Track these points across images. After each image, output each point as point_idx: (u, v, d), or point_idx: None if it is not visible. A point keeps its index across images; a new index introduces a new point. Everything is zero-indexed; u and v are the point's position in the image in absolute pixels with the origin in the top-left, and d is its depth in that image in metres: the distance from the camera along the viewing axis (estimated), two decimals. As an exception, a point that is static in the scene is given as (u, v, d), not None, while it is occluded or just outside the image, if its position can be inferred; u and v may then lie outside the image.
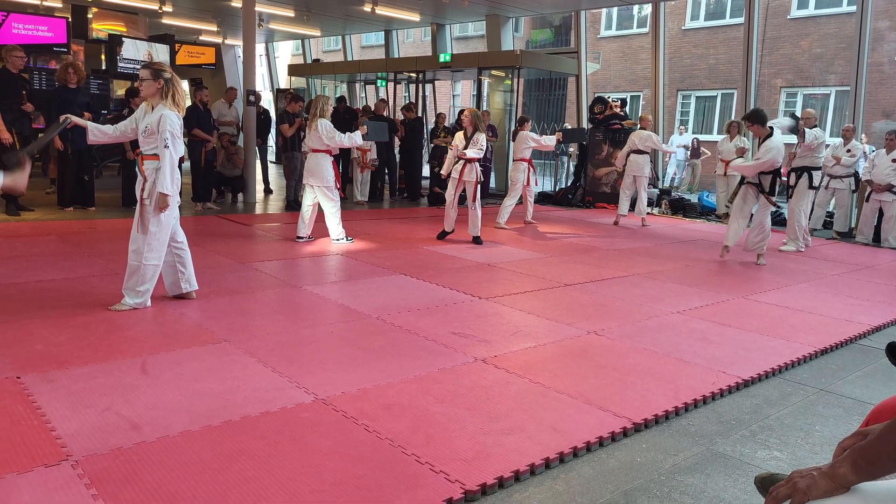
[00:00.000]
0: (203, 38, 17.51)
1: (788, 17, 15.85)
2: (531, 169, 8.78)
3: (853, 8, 11.32)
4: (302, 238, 6.84)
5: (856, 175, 8.87)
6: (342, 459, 2.38)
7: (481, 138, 7.17)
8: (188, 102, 7.81)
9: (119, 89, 13.15)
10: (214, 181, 9.51)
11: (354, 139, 6.87)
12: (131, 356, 3.28)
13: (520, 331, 4.04)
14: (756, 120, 6.33)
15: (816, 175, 7.68)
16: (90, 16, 12.76)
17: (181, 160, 4.35)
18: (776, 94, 16.04)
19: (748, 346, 3.91)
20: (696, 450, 2.62)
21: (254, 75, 10.09)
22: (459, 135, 7.32)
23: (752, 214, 6.81)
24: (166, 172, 4.04)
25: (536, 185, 9.59)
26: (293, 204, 9.31)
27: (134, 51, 12.37)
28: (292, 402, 2.84)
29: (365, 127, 7.22)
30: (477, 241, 7.20)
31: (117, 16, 13.14)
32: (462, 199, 7.44)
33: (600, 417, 2.83)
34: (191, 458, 2.35)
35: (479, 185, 7.25)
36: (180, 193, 4.27)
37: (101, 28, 12.85)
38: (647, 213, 9.90)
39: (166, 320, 3.95)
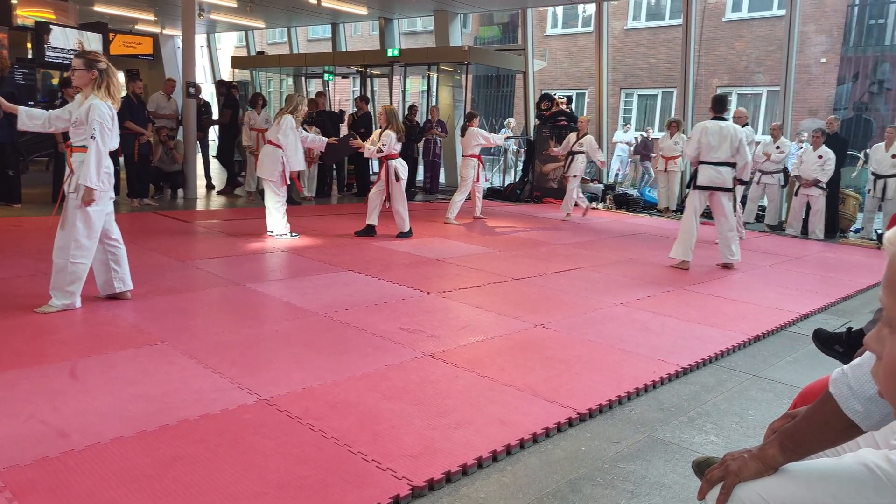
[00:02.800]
0: (140, 27, 16.82)
1: (723, 19, 16.44)
2: (480, 165, 8.83)
3: (783, 11, 11.83)
4: (273, 232, 6.79)
5: (785, 171, 9.28)
6: (286, 460, 2.32)
7: (385, 136, 7.01)
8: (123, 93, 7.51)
9: (48, 79, 12.51)
10: (152, 176, 9.17)
11: (317, 142, 7.04)
12: (60, 360, 3.12)
13: (468, 325, 4.05)
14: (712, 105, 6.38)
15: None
16: (15, 1, 12.07)
17: (118, 153, 4.17)
18: (712, 93, 16.57)
19: (687, 336, 4.04)
20: (638, 437, 2.68)
21: (193, 67, 9.76)
22: (377, 132, 7.25)
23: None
24: (91, 164, 3.84)
25: (486, 181, 9.66)
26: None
27: (64, 39, 11.77)
28: (234, 404, 2.76)
29: (336, 140, 7.34)
30: (401, 235, 7.15)
31: (45, 2, 12.46)
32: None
33: (546, 408, 2.85)
34: (123, 465, 2.25)
35: (400, 182, 7.13)
36: (116, 188, 4.09)
37: (26, 14, 12.17)
38: (592, 208, 10.13)
39: (99, 322, 3.78)
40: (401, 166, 7.19)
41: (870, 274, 6.43)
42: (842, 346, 2.46)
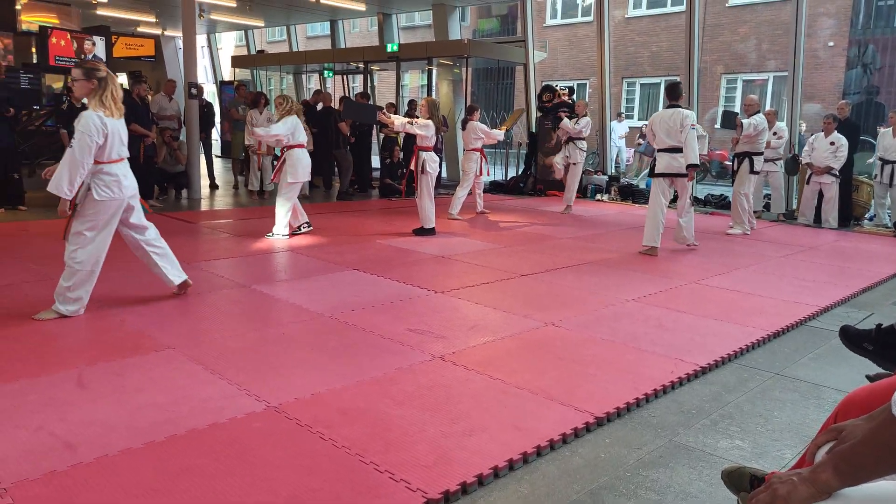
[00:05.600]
0: (141, 29, 16.78)
1: (727, 5, 16.25)
2: (483, 159, 8.75)
3: (789, -4, 11.66)
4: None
5: (794, 157, 9.13)
6: (296, 471, 2.26)
7: (424, 123, 7.02)
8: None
9: (54, 83, 12.48)
10: (156, 178, 9.13)
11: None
12: (67, 369, 3.07)
13: (477, 325, 3.97)
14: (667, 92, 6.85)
15: (757, 160, 7.89)
16: (18, 7, 12.04)
17: (134, 159, 4.19)
18: (717, 80, 16.44)
19: (703, 332, 3.95)
20: (660, 442, 2.60)
21: (195, 67, 9.70)
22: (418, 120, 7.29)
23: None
24: (60, 172, 3.73)
25: (488, 174, 9.55)
26: (344, 195, 10.22)
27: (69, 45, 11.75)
28: (242, 412, 2.70)
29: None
30: (419, 231, 7.10)
31: (49, 6, 12.43)
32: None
33: (562, 413, 2.78)
34: (132, 478, 2.19)
35: (426, 175, 7.10)
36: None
37: (30, 20, 12.14)
38: (598, 200, 10.02)
39: (106, 328, 3.72)
40: (430, 159, 7.12)
41: (888, 263, 6.31)
42: (871, 343, 2.37)
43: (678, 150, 6.34)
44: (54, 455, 2.29)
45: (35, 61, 11.81)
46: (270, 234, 6.65)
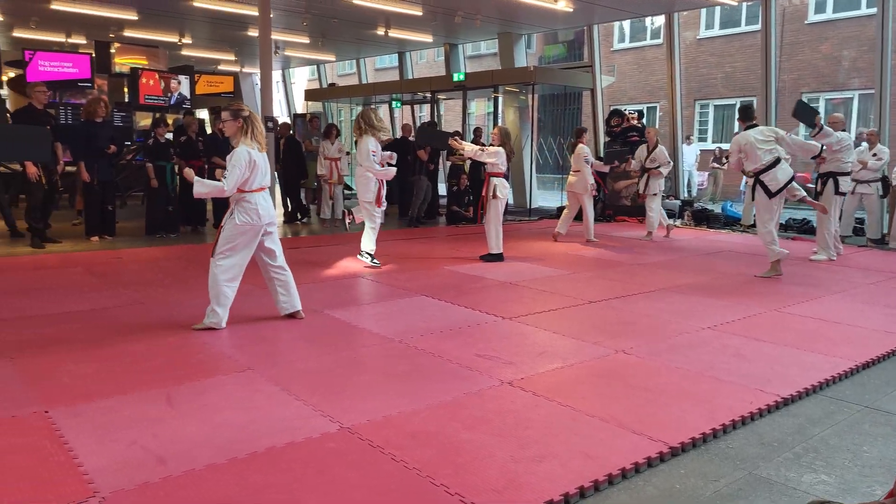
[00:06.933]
0: (222, 67, 17.85)
1: (806, 22, 15.69)
2: (597, 180, 9.01)
3: (873, 10, 11.15)
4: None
5: (884, 179, 8.64)
6: (370, 491, 2.32)
7: (496, 151, 7.11)
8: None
9: (142, 121, 13.46)
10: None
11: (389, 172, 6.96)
12: (156, 387, 3.27)
13: (546, 351, 3.96)
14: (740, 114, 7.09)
15: (843, 180, 7.52)
16: (113, 51, 13.10)
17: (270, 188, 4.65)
18: (798, 99, 15.82)
19: (785, 362, 3.78)
20: (738, 475, 2.51)
21: (271, 102, 10.19)
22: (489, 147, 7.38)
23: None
24: (204, 190, 4.37)
25: (595, 193, 9.41)
26: (414, 220, 10.36)
27: (157, 84, 12.65)
28: (317, 432, 2.79)
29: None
30: (486, 257, 7.14)
31: (139, 49, 13.47)
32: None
33: (634, 442, 2.73)
34: (217, 492, 2.31)
35: (496, 201, 7.17)
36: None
37: (123, 62, 13.18)
38: (670, 225, 9.76)
39: (190, 350, 3.94)
40: (501, 185, 7.21)
41: None
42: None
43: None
44: (147, 468, 2.45)
45: (127, 100, 12.77)
46: (374, 263, 6.72)
